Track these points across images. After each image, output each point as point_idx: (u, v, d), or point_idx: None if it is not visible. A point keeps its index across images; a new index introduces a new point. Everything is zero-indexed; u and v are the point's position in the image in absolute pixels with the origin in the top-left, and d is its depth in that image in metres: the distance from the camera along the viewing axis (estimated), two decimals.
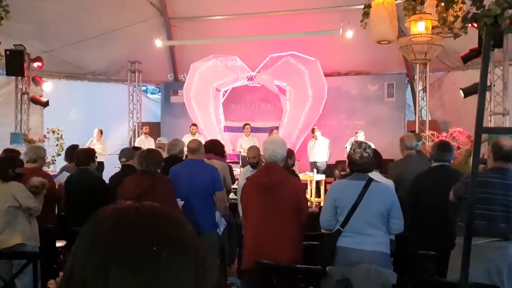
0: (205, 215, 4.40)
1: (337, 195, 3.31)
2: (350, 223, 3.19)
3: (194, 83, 11.17)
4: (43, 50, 10.80)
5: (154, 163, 3.97)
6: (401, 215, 3.26)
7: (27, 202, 3.93)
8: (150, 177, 3.88)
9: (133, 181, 3.94)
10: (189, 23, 11.76)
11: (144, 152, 4.16)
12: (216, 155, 5.07)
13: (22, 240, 4.09)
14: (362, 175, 3.28)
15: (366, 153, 3.28)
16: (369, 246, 3.14)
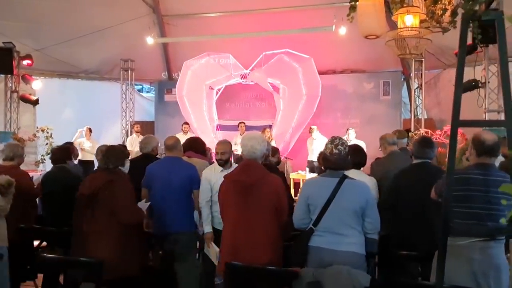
0: (183, 215, 4.25)
1: (309, 192, 3.15)
2: (323, 221, 3.04)
3: (186, 81, 11.03)
4: (34, 49, 10.68)
5: (112, 160, 3.82)
6: (377, 214, 3.11)
7: None
8: (108, 173, 3.75)
9: (91, 177, 3.85)
10: (182, 20, 11.61)
11: (104, 148, 4.03)
12: (196, 153, 4.90)
13: None
14: (336, 172, 3.13)
15: (337, 149, 3.12)
16: (342, 246, 2.99)
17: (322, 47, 10.67)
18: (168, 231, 4.17)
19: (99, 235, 3.60)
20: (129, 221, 3.68)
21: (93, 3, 10.44)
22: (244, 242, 3.19)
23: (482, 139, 2.97)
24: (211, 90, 11.46)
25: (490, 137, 2.97)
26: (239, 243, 3.21)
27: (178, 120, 11.22)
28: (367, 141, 9.22)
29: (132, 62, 12.18)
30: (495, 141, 3.01)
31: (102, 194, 3.60)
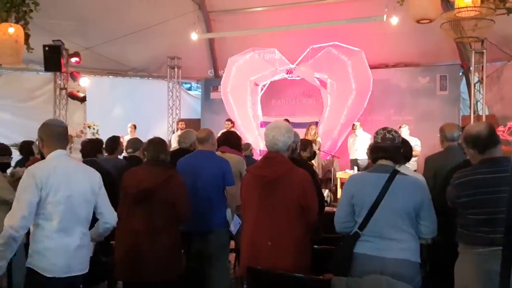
0: (214, 212, 3.96)
1: (353, 191, 2.74)
2: (370, 225, 2.63)
3: (231, 78, 10.85)
4: (84, 47, 10.86)
5: (164, 152, 3.63)
6: (434, 216, 2.67)
7: (1, 192, 3.65)
8: (164, 168, 3.54)
9: (145, 172, 3.54)
10: (228, 16, 11.45)
11: (154, 140, 3.74)
12: (231, 147, 4.60)
13: None
14: (385, 167, 2.70)
15: (390, 134, 2.71)
16: (393, 253, 2.57)
17: (373, 39, 10.12)
18: (198, 228, 3.90)
19: (155, 233, 3.38)
20: (186, 217, 3.55)
21: (141, 1, 10.48)
22: (265, 245, 2.84)
23: (475, 132, 2.52)
24: (256, 86, 11.19)
25: (482, 128, 2.55)
26: (260, 245, 2.87)
27: (223, 117, 11.05)
28: (421, 139, 8.63)
29: (178, 59, 12.15)
30: (488, 128, 2.59)
31: (164, 189, 3.39)
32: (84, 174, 2.88)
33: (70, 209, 2.73)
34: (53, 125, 2.92)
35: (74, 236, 2.74)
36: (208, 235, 3.90)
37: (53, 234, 2.69)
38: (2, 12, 6.20)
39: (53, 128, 2.88)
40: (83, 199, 2.80)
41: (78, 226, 2.77)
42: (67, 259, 2.70)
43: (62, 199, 2.70)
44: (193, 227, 3.91)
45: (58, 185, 2.70)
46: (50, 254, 2.67)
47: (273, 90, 11.49)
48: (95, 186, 2.87)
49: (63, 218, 2.70)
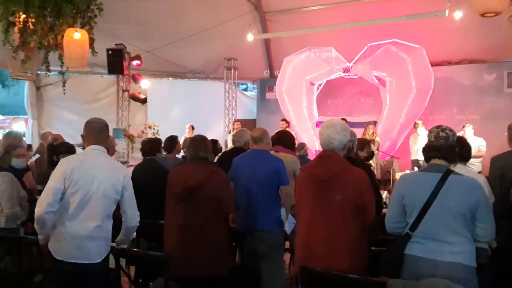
0: (269, 211, 3.94)
1: (404, 190, 2.65)
2: (422, 226, 2.54)
3: (286, 78, 10.81)
4: (145, 50, 11.24)
5: (206, 150, 3.65)
6: (491, 218, 2.52)
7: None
8: (207, 166, 3.56)
9: (189, 170, 3.60)
10: (284, 16, 11.42)
11: (196, 139, 3.79)
12: (285, 147, 4.58)
13: None
14: (438, 166, 2.59)
15: (444, 133, 2.58)
16: (445, 256, 2.47)
17: (434, 35, 9.73)
18: (252, 228, 3.91)
19: (200, 229, 3.42)
20: (230, 213, 3.60)
21: (198, 4, 10.69)
22: (320, 245, 2.79)
23: None
24: (312, 85, 11.10)
25: None
26: (314, 245, 2.82)
27: (279, 117, 11.05)
28: (487, 139, 8.21)
29: (235, 61, 12.28)
30: None
31: (208, 186, 3.42)
32: (110, 171, 3.04)
33: (86, 202, 2.93)
34: (91, 122, 3.16)
35: (86, 227, 2.93)
36: (263, 234, 3.89)
37: (66, 222, 2.93)
38: (69, 18, 6.49)
39: (91, 124, 3.13)
40: (103, 194, 2.97)
41: (93, 219, 2.94)
42: (74, 246, 2.89)
43: (80, 191, 2.92)
44: (248, 226, 3.92)
45: (79, 178, 2.92)
46: (60, 239, 2.93)
47: (329, 89, 11.35)
48: (118, 184, 3.02)
49: (77, 209, 2.91)
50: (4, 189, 3.99)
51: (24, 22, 6.36)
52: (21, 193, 4.17)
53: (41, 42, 6.61)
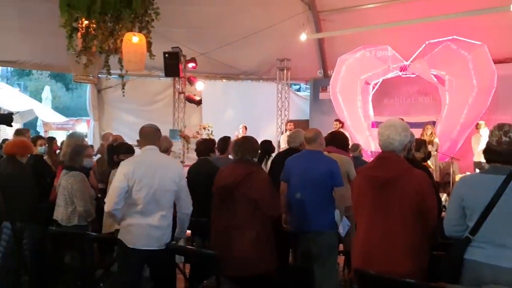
0: (322, 212, 3.89)
1: (464, 193, 2.53)
2: (483, 230, 2.41)
3: (340, 77, 10.65)
4: (200, 53, 11.47)
5: (249, 152, 3.68)
6: None
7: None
8: (245, 166, 3.60)
9: (228, 170, 3.69)
10: (338, 15, 11.25)
11: (239, 140, 3.86)
12: (338, 148, 4.51)
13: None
14: (501, 168, 2.45)
15: (507, 137, 2.44)
16: (507, 261, 2.33)
17: (496, 31, 9.25)
18: (304, 229, 3.88)
19: (239, 229, 3.47)
20: (272, 214, 3.55)
21: (251, 6, 10.78)
22: (379, 249, 2.70)
23: None
24: (367, 85, 10.86)
25: None
26: (373, 249, 2.74)
27: (332, 118, 10.88)
28: None
29: (288, 61, 12.24)
30: None
31: (243, 186, 3.46)
32: (166, 167, 3.45)
33: (151, 196, 3.31)
34: (144, 127, 3.60)
35: (154, 218, 3.33)
36: (316, 235, 3.85)
37: (136, 215, 3.34)
38: (127, 23, 6.75)
39: (144, 129, 3.57)
40: (164, 188, 3.36)
41: (159, 210, 3.35)
42: (144, 235, 3.32)
43: (145, 187, 3.31)
44: (301, 227, 3.90)
45: (142, 176, 3.32)
46: (132, 230, 3.34)
47: (385, 88, 11.05)
48: (175, 177, 3.42)
49: (145, 203, 3.31)
50: (77, 188, 4.22)
51: (86, 28, 6.67)
52: (90, 192, 4.39)
53: (102, 47, 6.90)
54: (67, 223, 4.21)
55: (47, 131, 16.18)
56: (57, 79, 31.51)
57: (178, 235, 3.60)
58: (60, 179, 4.41)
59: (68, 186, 4.25)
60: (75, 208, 4.22)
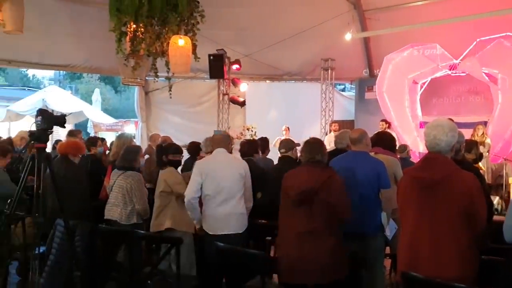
0: (368, 215, 3.83)
1: None
2: None
3: (387, 76, 10.42)
4: (244, 54, 11.55)
5: (321, 154, 3.60)
6: None
7: (177, 188, 4.05)
8: (323, 170, 3.51)
9: (304, 174, 3.55)
10: (384, 13, 11.01)
11: (311, 141, 3.74)
12: (384, 148, 4.41)
13: (172, 225, 4.26)
14: None
15: None
16: None
17: None
18: (350, 231, 3.80)
19: (317, 235, 3.37)
20: (347, 218, 3.48)
21: (295, 6, 10.74)
22: (426, 252, 2.63)
23: None
24: (415, 84, 10.58)
25: None
26: (419, 252, 2.66)
27: (378, 118, 10.66)
28: None
29: (332, 61, 12.11)
30: None
31: (324, 191, 3.36)
32: (234, 164, 4.16)
33: (222, 189, 3.97)
34: (215, 134, 4.43)
35: (227, 207, 3.98)
36: (362, 238, 3.78)
37: (212, 205, 4.00)
38: (173, 26, 6.88)
39: (215, 136, 4.42)
40: (232, 183, 4.01)
41: (231, 199, 4.00)
42: (221, 222, 3.97)
43: (216, 183, 3.97)
44: (346, 229, 3.83)
45: (214, 172, 4.00)
46: (210, 219, 4.01)
47: (434, 87, 10.72)
48: (241, 172, 4.07)
49: (217, 195, 3.97)
50: (135, 187, 4.38)
51: (134, 32, 6.85)
52: (145, 191, 4.54)
53: (149, 50, 7.06)
54: (126, 222, 4.36)
55: (97, 132, 16.77)
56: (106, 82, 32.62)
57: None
58: (113, 178, 4.55)
59: (126, 186, 4.39)
60: (133, 207, 4.36)
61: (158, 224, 4.37)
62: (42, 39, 10.13)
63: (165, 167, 4.61)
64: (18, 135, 6.55)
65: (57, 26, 10.25)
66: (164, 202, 4.40)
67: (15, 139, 6.53)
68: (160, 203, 4.42)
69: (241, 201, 4.07)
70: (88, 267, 3.66)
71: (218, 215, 3.99)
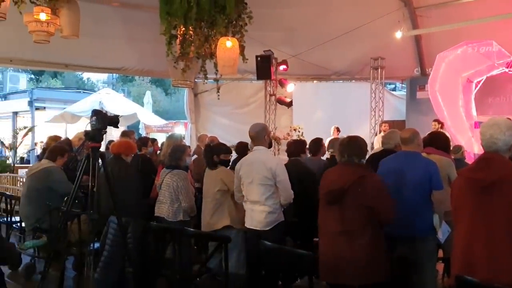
0: (419, 217, 3.71)
1: None
2: None
3: (440, 75, 10.07)
4: (291, 55, 11.53)
5: (356, 153, 3.48)
6: None
7: (232, 186, 4.10)
8: (355, 169, 3.39)
9: (337, 172, 3.51)
10: (437, 10, 10.67)
11: (345, 140, 3.66)
12: (438, 149, 4.27)
13: (231, 223, 4.32)
14: None
15: None
16: None
17: None
18: (401, 233, 3.71)
19: (349, 236, 3.31)
20: (387, 220, 3.37)
21: (344, 5, 10.60)
22: (482, 256, 2.51)
23: None
24: (469, 83, 10.19)
25: None
26: (474, 256, 2.55)
27: (430, 118, 10.31)
28: None
29: (382, 60, 11.87)
30: None
31: (354, 192, 3.29)
32: (263, 163, 4.08)
33: (251, 187, 4.07)
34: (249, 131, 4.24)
35: (259, 205, 4.06)
36: (413, 240, 3.67)
37: (247, 203, 4.16)
38: (221, 28, 6.96)
39: (249, 133, 4.24)
40: (259, 181, 4.04)
41: (255, 198, 4.08)
42: (250, 217, 4.13)
43: (247, 180, 4.10)
44: (397, 231, 3.73)
45: (244, 172, 4.14)
46: (247, 215, 4.18)
47: (490, 86, 10.27)
48: (271, 171, 4.03)
49: (248, 192, 4.12)
50: (182, 185, 4.49)
51: (183, 34, 6.98)
52: (192, 189, 4.64)
53: (198, 52, 7.18)
54: (173, 219, 4.47)
55: (148, 133, 17.25)
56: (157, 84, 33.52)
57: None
58: (162, 177, 4.67)
59: (173, 184, 4.50)
60: (180, 205, 4.47)
61: (213, 223, 4.44)
62: (96, 44, 10.52)
63: (215, 167, 4.65)
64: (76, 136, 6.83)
65: (110, 31, 10.62)
66: (220, 200, 4.47)
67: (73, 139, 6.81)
68: (216, 202, 4.48)
69: (271, 200, 4.07)
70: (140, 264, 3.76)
71: (251, 210, 4.16)
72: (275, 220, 4.09)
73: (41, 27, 6.23)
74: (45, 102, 21.46)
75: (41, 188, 5.10)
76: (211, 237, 3.60)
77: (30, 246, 5.18)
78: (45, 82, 33.47)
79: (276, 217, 4.11)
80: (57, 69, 14.98)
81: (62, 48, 9.31)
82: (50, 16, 6.26)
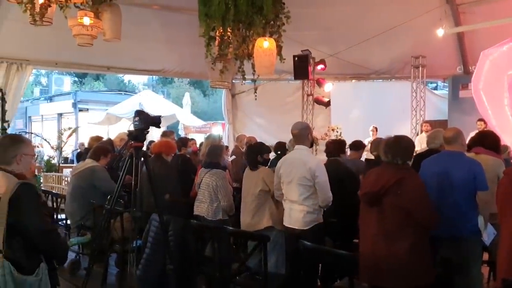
0: (463, 218, 3.62)
1: None
2: None
3: (484, 73, 9.73)
4: (329, 54, 11.45)
5: (400, 154, 3.39)
6: None
7: (272, 186, 4.12)
8: (395, 171, 3.31)
9: (376, 173, 3.45)
10: (480, 6, 10.33)
11: (390, 140, 3.56)
12: (487, 149, 4.12)
13: (273, 223, 4.33)
14: None
15: None
16: None
17: None
18: (444, 235, 3.61)
19: (389, 238, 3.24)
20: (427, 224, 3.28)
21: (383, 3, 10.43)
22: None
23: None
24: None
25: None
26: None
27: (474, 118, 10.04)
28: None
29: (423, 58, 11.60)
30: None
31: (393, 193, 3.22)
32: (302, 164, 4.06)
33: (290, 187, 4.07)
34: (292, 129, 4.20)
35: (297, 204, 4.05)
36: (456, 242, 3.59)
37: (287, 202, 4.16)
38: (259, 28, 6.96)
39: (291, 131, 4.21)
40: (297, 182, 4.02)
41: (293, 197, 4.06)
42: (288, 216, 4.12)
43: (287, 180, 4.10)
44: (440, 232, 3.64)
45: (283, 171, 4.14)
46: (286, 214, 4.17)
47: None
48: (310, 172, 3.98)
49: (286, 192, 4.12)
50: (221, 185, 4.55)
51: (221, 36, 7.04)
52: (230, 188, 4.69)
53: (236, 53, 7.22)
54: (213, 218, 4.53)
55: (187, 134, 17.50)
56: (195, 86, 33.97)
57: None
58: (201, 176, 4.73)
59: (212, 183, 4.56)
60: (219, 204, 4.52)
61: (255, 224, 4.45)
62: (137, 46, 10.77)
63: (256, 167, 4.65)
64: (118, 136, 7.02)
65: (150, 34, 10.83)
66: (262, 201, 4.48)
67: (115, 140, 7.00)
68: (258, 202, 4.49)
69: (314, 200, 4.04)
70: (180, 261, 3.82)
71: (289, 209, 4.17)
72: (313, 220, 4.06)
73: (85, 30, 6.43)
74: (88, 104, 22.18)
75: (85, 186, 5.27)
76: (250, 236, 3.61)
77: (75, 243, 5.35)
78: (88, 85, 34.56)
79: (315, 217, 4.07)
80: (99, 71, 15.41)
81: (105, 51, 9.56)
82: (93, 20, 6.45)
